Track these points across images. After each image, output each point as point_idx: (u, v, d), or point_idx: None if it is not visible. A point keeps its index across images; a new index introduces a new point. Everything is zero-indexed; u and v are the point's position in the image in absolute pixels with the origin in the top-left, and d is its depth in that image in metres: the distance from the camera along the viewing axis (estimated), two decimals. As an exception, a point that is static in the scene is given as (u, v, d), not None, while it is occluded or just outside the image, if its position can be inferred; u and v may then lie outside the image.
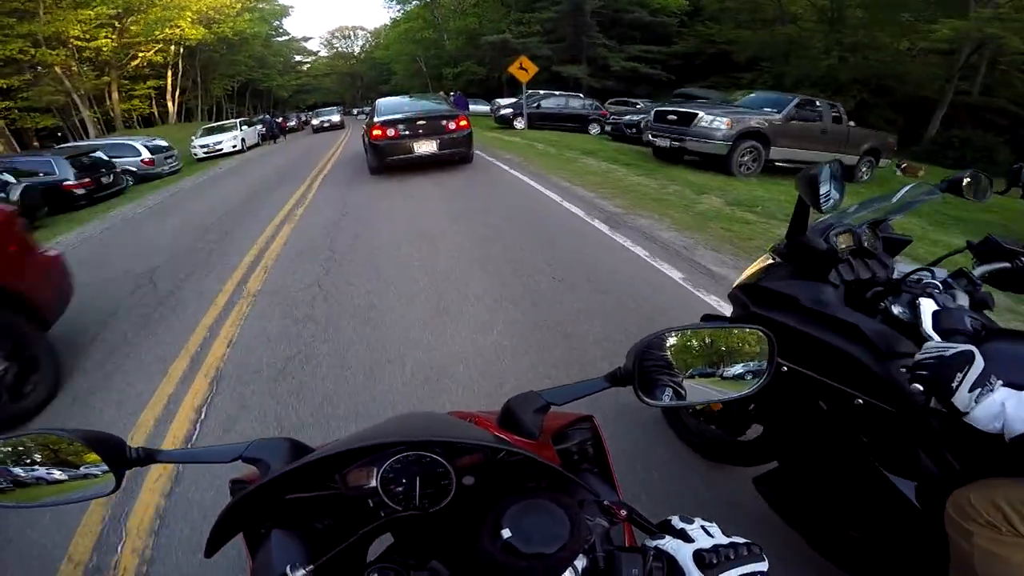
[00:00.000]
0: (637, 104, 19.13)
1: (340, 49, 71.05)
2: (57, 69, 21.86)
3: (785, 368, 1.27)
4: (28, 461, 0.59)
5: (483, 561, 0.47)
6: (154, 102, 29.96)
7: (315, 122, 27.55)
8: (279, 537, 0.59)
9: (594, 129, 16.42)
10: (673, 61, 28.14)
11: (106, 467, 0.57)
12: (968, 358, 0.88)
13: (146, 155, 13.65)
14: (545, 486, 0.61)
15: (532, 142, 12.29)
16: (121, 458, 0.59)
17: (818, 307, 1.22)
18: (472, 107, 27.53)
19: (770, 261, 1.48)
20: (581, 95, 18.22)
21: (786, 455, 1.43)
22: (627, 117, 14.00)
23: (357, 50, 69.88)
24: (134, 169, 13.36)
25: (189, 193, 10.48)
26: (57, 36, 21.05)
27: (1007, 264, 1.23)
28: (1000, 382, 0.86)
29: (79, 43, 22.07)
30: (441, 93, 26.59)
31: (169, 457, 0.63)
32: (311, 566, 0.52)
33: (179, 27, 25.66)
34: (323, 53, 71.22)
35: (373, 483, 0.59)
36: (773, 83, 22.09)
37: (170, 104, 30.27)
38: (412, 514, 0.61)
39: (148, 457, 0.60)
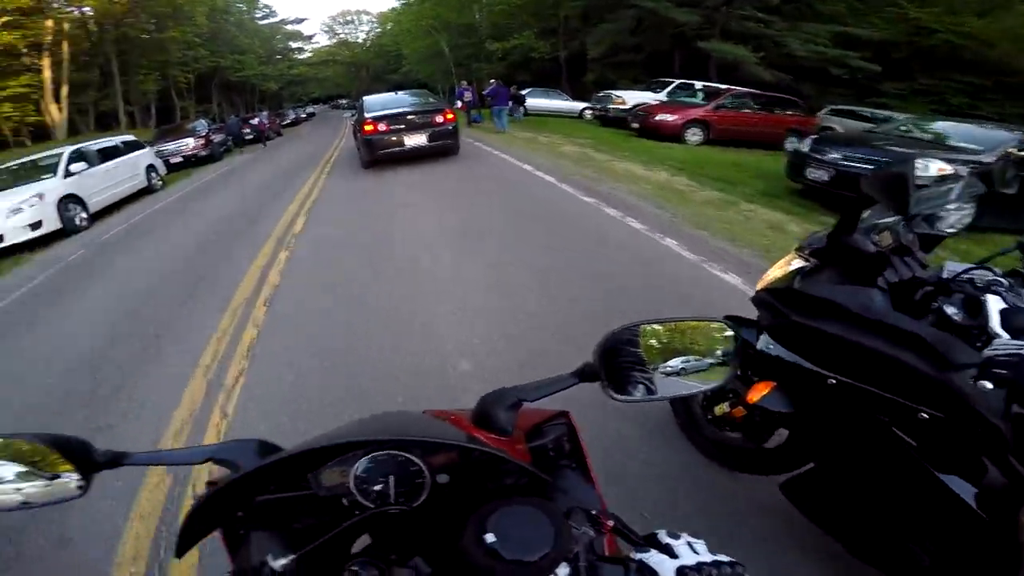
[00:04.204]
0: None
1: (343, 36, 61.12)
2: None
3: (833, 381, 1.21)
4: None
5: (465, 563, 0.46)
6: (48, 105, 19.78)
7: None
8: (259, 536, 0.58)
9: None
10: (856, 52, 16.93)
11: (73, 470, 0.57)
12: None
13: None
14: (524, 483, 0.61)
15: None
16: (88, 461, 0.58)
17: (869, 315, 1.14)
18: (536, 102, 16.87)
19: (798, 262, 1.41)
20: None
21: (822, 458, 1.36)
22: None
23: (362, 37, 60.07)
24: None
25: None
26: None
27: None
28: None
29: None
30: (463, 82, 16.56)
31: (138, 459, 0.61)
32: (293, 556, 0.52)
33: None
34: (324, 40, 61.32)
35: (347, 482, 0.59)
36: None
37: (53, 109, 19.05)
38: (387, 512, 0.60)
39: (115, 460, 0.59)
